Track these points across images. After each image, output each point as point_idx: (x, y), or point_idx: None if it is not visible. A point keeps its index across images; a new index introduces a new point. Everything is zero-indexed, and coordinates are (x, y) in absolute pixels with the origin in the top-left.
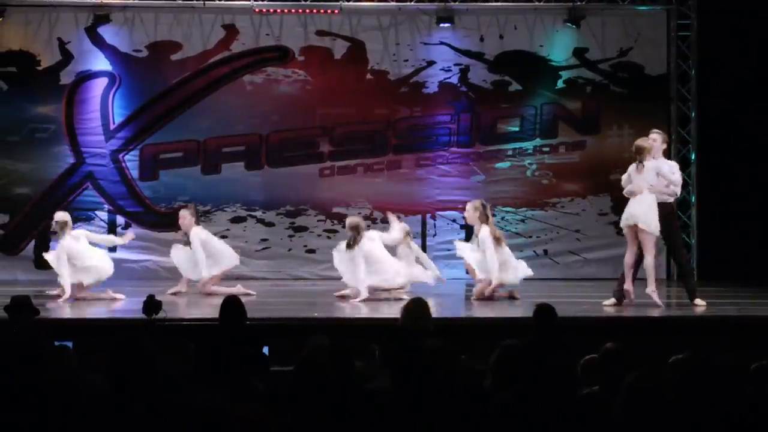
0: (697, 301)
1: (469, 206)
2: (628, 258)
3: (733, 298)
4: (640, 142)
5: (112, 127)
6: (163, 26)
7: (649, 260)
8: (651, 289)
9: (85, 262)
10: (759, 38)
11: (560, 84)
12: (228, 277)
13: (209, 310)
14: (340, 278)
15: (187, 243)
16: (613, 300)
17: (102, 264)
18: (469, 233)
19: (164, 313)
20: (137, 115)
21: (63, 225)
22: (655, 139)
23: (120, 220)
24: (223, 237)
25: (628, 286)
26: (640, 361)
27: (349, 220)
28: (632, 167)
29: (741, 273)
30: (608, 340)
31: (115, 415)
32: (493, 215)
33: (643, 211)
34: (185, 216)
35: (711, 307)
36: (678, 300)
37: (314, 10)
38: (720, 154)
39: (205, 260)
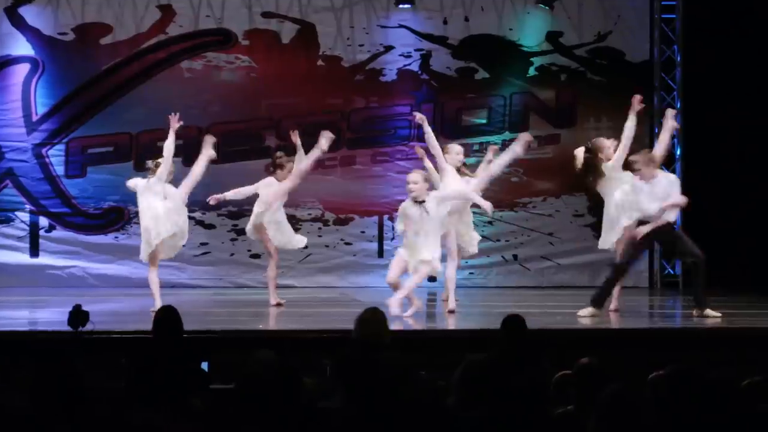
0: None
1: (417, 177)
2: None
3: (722, 308)
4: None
5: (34, 118)
6: (92, 6)
7: None
8: None
9: None
10: (750, 21)
11: (532, 71)
12: (162, 285)
13: (143, 321)
14: (290, 287)
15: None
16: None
17: None
18: None
19: (92, 325)
20: (63, 106)
21: None
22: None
23: (43, 221)
24: None
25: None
26: (619, 378)
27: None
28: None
29: (731, 280)
30: (584, 355)
31: None
32: None
33: None
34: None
35: (701, 319)
36: (661, 311)
37: None
38: (708, 149)
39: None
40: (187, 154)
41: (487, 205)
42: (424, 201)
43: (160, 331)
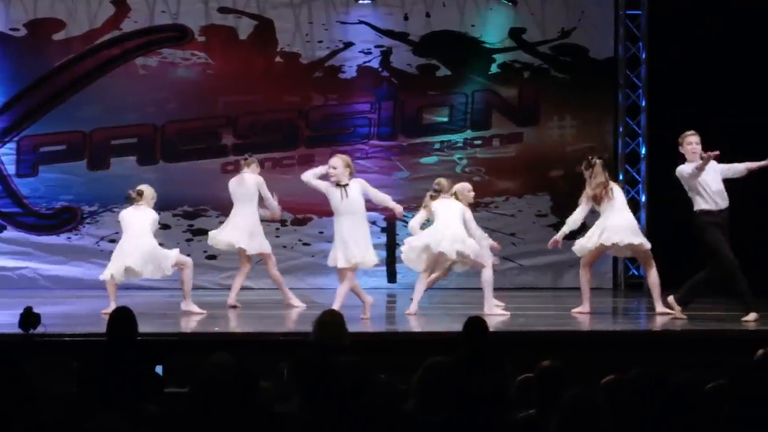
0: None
1: (337, 162)
2: None
3: (687, 310)
4: None
5: None
6: (44, 2)
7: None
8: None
9: None
10: (715, 18)
11: (494, 69)
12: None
13: (96, 323)
14: (247, 288)
15: None
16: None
17: None
18: (391, 236)
19: (44, 328)
20: (14, 103)
21: None
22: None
23: None
24: (111, 241)
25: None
26: (581, 381)
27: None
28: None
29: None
30: (547, 357)
31: None
32: None
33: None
34: None
35: (664, 321)
36: (625, 312)
37: None
38: (673, 147)
39: None
40: (141, 152)
41: (397, 210)
42: (346, 185)
43: (114, 334)
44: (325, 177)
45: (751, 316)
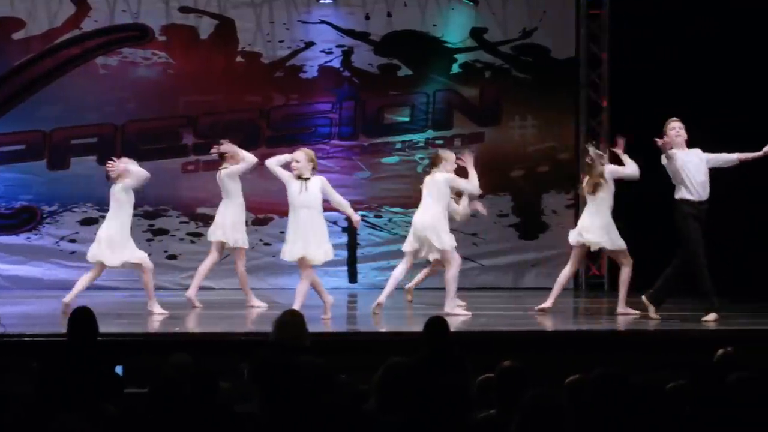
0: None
1: (300, 155)
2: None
3: (660, 310)
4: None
5: None
6: (4, 0)
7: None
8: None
9: None
10: (676, 18)
11: (456, 68)
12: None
13: (55, 324)
14: (207, 288)
15: None
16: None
17: None
18: (352, 236)
19: (2, 328)
20: None
21: None
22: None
23: None
24: (71, 241)
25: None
26: (542, 381)
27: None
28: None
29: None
30: (508, 357)
31: None
32: None
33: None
34: None
35: (625, 322)
36: (586, 312)
37: None
38: (635, 148)
39: None
40: (101, 152)
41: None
42: (308, 179)
43: (75, 334)
44: (288, 167)
45: (711, 316)
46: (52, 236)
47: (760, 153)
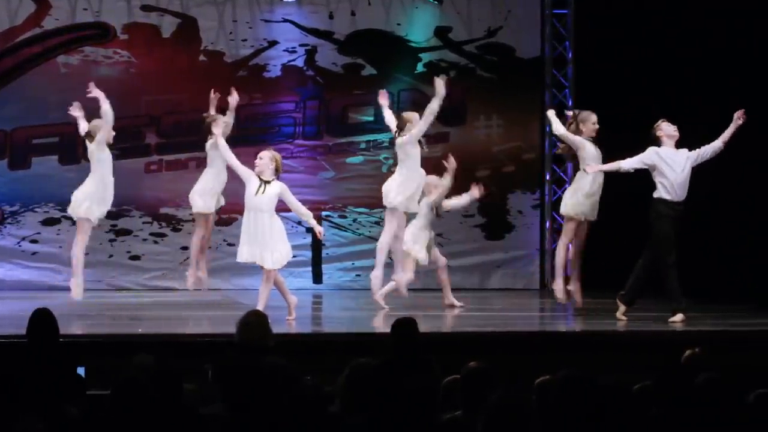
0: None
1: (265, 154)
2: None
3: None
4: None
5: None
6: None
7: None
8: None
9: None
10: (642, 18)
11: (420, 68)
12: (38, 287)
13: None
14: (171, 289)
15: None
16: None
17: None
18: (316, 237)
19: None
20: None
21: None
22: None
23: None
24: (33, 242)
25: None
26: (507, 382)
27: None
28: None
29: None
30: (474, 359)
31: None
32: None
33: None
34: None
35: (592, 322)
36: (552, 313)
37: None
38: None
39: None
40: (63, 152)
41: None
42: (268, 181)
43: (35, 335)
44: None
45: (678, 317)
46: (14, 236)
47: (733, 125)
